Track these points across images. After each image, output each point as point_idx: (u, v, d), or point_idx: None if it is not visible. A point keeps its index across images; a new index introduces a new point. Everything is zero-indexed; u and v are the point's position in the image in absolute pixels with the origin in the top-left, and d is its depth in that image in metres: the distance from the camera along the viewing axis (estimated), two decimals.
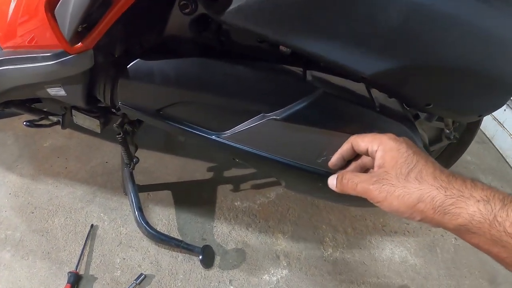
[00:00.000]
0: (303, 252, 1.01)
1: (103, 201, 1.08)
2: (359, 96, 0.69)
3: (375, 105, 0.70)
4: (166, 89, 0.68)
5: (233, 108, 0.66)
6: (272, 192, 1.18)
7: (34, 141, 1.27)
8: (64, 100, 0.80)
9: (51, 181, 1.12)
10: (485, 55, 0.62)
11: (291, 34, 0.53)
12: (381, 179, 0.42)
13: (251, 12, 0.51)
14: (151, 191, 1.13)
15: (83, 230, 0.98)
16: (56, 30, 0.66)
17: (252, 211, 1.11)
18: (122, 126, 0.90)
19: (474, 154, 1.53)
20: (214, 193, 1.15)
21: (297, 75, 0.66)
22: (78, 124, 0.94)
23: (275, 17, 0.51)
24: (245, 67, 0.64)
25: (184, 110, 0.70)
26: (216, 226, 1.05)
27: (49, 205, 1.05)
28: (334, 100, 0.65)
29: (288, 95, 0.64)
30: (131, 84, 0.70)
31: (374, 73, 0.57)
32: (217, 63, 0.65)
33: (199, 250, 0.92)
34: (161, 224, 1.03)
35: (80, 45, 0.66)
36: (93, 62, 0.69)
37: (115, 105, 0.78)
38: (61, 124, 0.92)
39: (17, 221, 1.00)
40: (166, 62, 0.67)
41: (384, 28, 0.54)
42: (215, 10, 0.54)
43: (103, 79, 0.76)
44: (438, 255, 1.07)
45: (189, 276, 0.91)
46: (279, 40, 0.55)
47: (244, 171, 1.24)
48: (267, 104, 0.64)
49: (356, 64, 0.56)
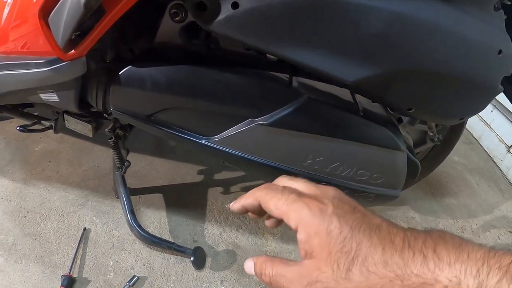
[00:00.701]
0: (293, 253, 1.04)
1: (95, 204, 1.09)
2: (343, 101, 0.72)
3: (359, 109, 0.73)
4: (157, 95, 0.70)
5: (221, 113, 0.69)
6: None
7: (26, 146, 1.27)
8: (57, 105, 0.82)
9: (43, 185, 1.13)
10: (464, 60, 0.65)
11: (276, 43, 0.55)
12: (314, 283, 0.30)
13: (238, 22, 0.53)
14: (143, 194, 1.14)
15: (76, 233, 1.00)
16: (49, 38, 0.67)
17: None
18: (114, 130, 0.91)
19: (461, 155, 1.57)
20: (204, 195, 1.17)
21: (283, 81, 0.69)
22: (70, 128, 0.96)
23: (261, 28, 0.54)
24: (233, 74, 0.67)
25: (175, 115, 0.72)
26: (207, 228, 1.07)
27: (42, 209, 1.05)
28: (319, 106, 0.68)
29: (275, 101, 0.66)
30: (123, 90, 0.72)
31: (356, 80, 0.60)
32: (207, 70, 0.68)
33: (191, 251, 0.94)
34: (153, 227, 1.05)
35: (73, 52, 0.68)
36: (86, 69, 0.71)
37: (107, 110, 0.80)
38: (54, 129, 0.93)
39: (10, 225, 1.00)
40: (156, 69, 0.69)
41: (364, 37, 0.57)
42: (204, 19, 0.57)
43: (95, 85, 0.77)
44: None
45: (181, 277, 0.93)
46: (264, 49, 0.57)
47: (234, 174, 1.26)
48: (254, 110, 0.67)
49: (339, 71, 0.59)
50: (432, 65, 0.64)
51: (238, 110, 0.67)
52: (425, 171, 1.15)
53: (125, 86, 0.71)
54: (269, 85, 0.68)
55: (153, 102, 0.71)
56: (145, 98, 0.71)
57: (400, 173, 0.76)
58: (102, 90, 0.77)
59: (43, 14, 0.66)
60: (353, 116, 0.70)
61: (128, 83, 0.71)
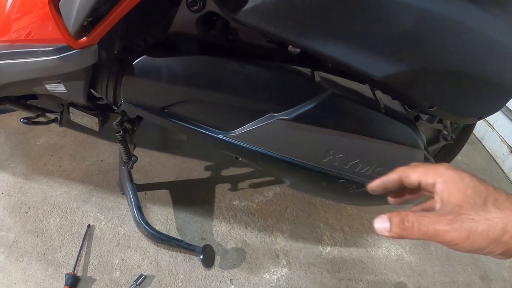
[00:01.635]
0: (302, 251, 1.02)
1: (99, 200, 1.05)
2: (365, 97, 0.70)
3: (380, 106, 0.71)
4: (172, 87, 0.67)
5: (241, 107, 0.66)
6: (270, 191, 1.18)
7: (27, 139, 1.23)
8: (63, 97, 0.78)
9: (45, 180, 1.09)
10: (487, 60, 0.64)
11: (306, 34, 0.53)
12: (458, 216, 0.36)
13: (267, 11, 0.51)
14: (149, 190, 1.11)
15: (80, 230, 0.96)
16: (59, 24, 0.64)
17: (250, 210, 1.10)
18: (121, 124, 0.88)
19: (464, 155, 1.57)
20: (212, 192, 1.15)
21: (307, 75, 0.66)
22: (76, 121, 0.92)
23: (291, 17, 0.51)
24: (254, 67, 0.64)
25: (191, 108, 0.69)
26: (215, 225, 1.04)
27: (44, 204, 1.02)
28: (342, 101, 0.65)
29: (297, 95, 0.64)
30: (136, 81, 0.69)
31: (384, 76, 0.58)
32: (226, 62, 0.65)
33: (200, 249, 0.91)
34: (159, 224, 1.02)
35: (84, 39, 0.65)
36: (97, 58, 0.68)
37: (117, 102, 0.77)
38: (59, 122, 0.89)
39: (11, 221, 0.96)
40: (173, 59, 0.66)
41: (395, 33, 0.55)
42: (229, 8, 0.54)
43: (106, 75, 0.74)
44: (433, 253, 1.09)
45: (190, 276, 0.90)
46: (292, 40, 0.54)
47: (241, 170, 1.24)
48: (276, 104, 0.64)
49: (368, 66, 0.56)
50: (457, 64, 0.63)
51: (258, 104, 0.65)
52: None
53: (139, 77, 0.68)
54: (292, 79, 0.66)
55: (168, 94, 0.68)
56: (160, 89, 0.68)
57: None
58: (113, 81, 0.74)
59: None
60: (376, 113, 0.68)
61: (142, 74, 0.68)
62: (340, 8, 0.50)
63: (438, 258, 1.08)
